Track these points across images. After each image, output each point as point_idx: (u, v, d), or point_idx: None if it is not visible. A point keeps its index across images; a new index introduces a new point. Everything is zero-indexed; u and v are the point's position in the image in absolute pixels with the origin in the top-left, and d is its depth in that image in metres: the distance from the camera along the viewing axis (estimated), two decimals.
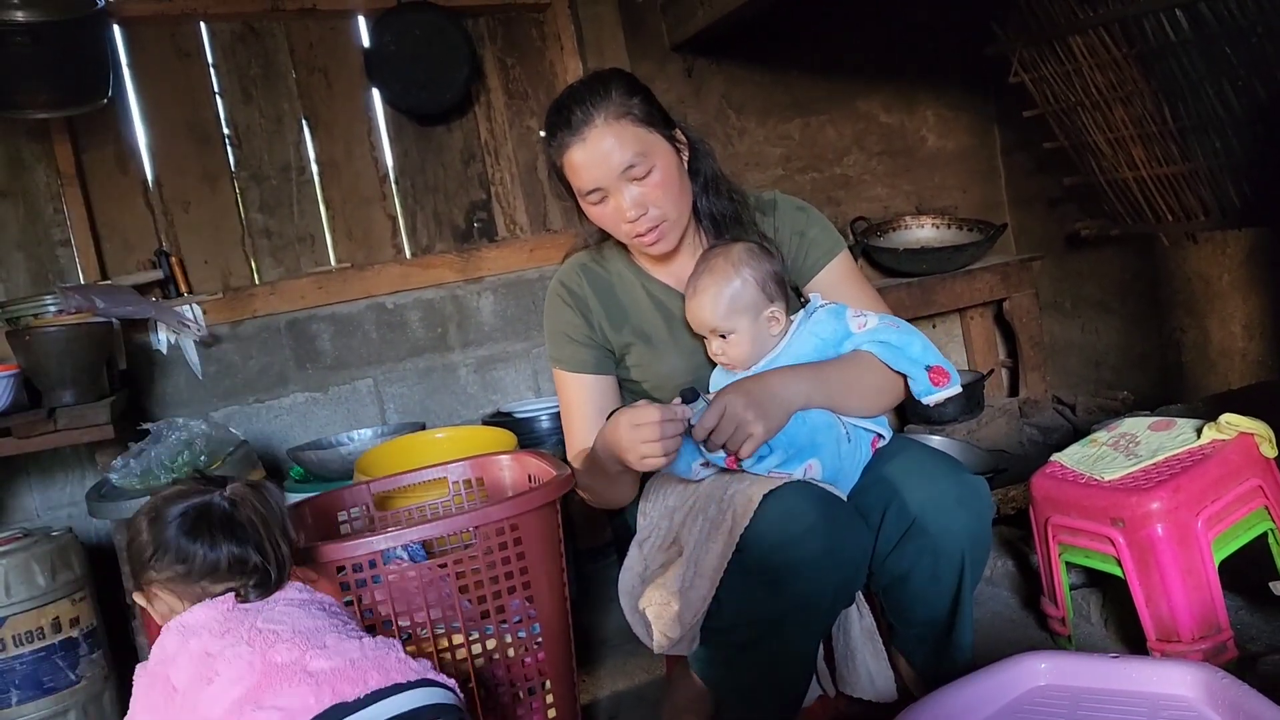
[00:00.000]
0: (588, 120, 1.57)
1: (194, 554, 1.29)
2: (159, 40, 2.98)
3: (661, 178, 1.59)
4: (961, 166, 3.85)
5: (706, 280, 1.59)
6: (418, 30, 3.08)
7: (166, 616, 1.32)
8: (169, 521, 1.31)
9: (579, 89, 1.61)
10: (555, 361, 1.78)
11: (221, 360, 3.00)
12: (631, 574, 1.65)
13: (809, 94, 3.62)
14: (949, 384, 1.59)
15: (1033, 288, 3.59)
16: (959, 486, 1.55)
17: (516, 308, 3.32)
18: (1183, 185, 2.84)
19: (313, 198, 3.17)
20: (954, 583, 1.55)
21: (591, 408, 1.74)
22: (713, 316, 1.58)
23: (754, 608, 1.46)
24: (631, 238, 1.64)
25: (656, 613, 1.57)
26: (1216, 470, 1.78)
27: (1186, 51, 2.58)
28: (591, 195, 1.61)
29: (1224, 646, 1.73)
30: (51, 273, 2.87)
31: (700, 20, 3.08)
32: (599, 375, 1.75)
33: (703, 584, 1.48)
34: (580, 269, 1.78)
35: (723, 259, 1.60)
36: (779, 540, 1.42)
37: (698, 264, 1.64)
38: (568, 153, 1.60)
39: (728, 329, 1.59)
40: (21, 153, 2.84)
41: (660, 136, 1.61)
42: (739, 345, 1.60)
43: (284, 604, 1.31)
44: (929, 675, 1.63)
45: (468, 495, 2.00)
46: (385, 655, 1.22)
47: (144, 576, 1.32)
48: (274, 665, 1.18)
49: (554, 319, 1.77)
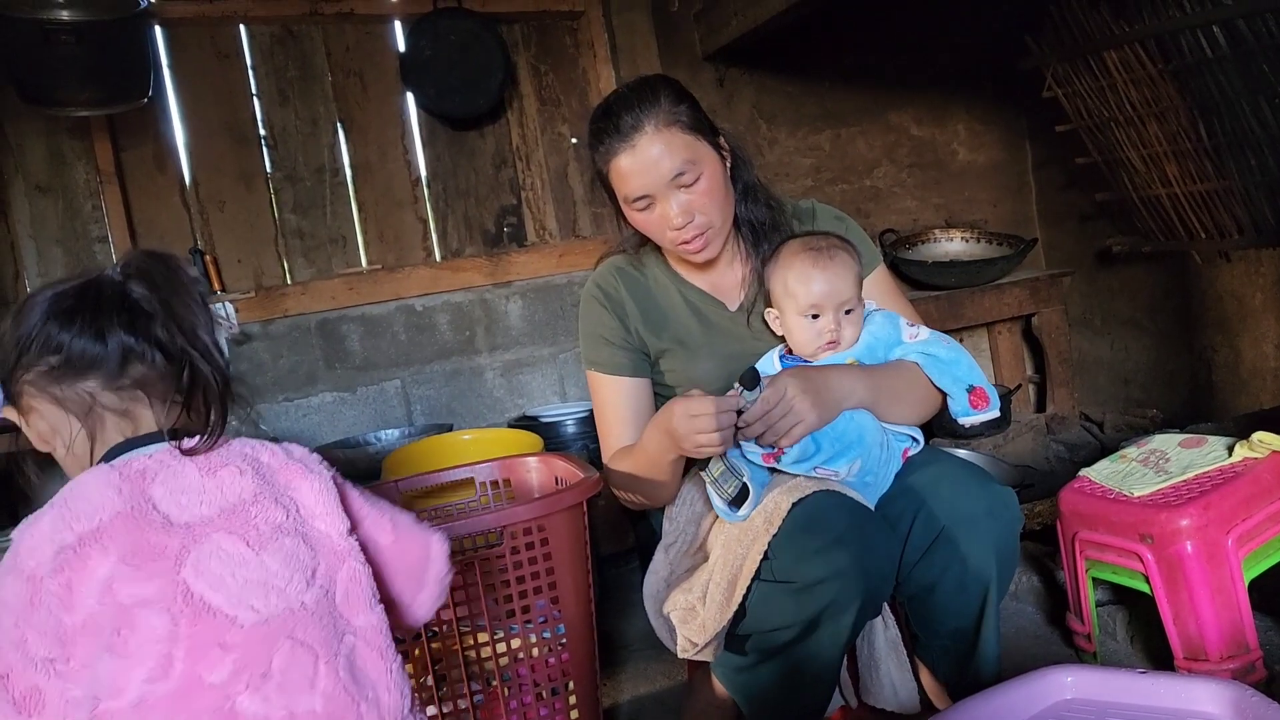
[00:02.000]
0: (637, 127, 1.56)
1: (67, 342, 0.96)
2: (199, 41, 3.02)
3: (708, 185, 1.60)
4: (992, 180, 3.84)
5: (840, 256, 1.60)
6: (453, 36, 3.11)
7: (48, 440, 1.02)
8: (38, 303, 0.99)
9: (627, 95, 1.60)
10: (590, 364, 1.77)
11: (252, 359, 3.03)
12: (657, 578, 1.66)
13: (840, 105, 3.62)
14: (988, 408, 1.60)
15: (1062, 303, 3.57)
16: (988, 497, 1.54)
17: (544, 313, 3.33)
18: (1216, 203, 2.82)
19: (345, 199, 3.21)
20: (981, 594, 1.54)
21: (628, 410, 1.73)
22: (846, 288, 1.59)
23: (780, 617, 1.45)
24: (676, 245, 1.64)
25: (681, 617, 1.57)
26: (1248, 488, 1.76)
27: (1223, 68, 2.57)
28: (639, 202, 1.60)
29: (1252, 666, 1.71)
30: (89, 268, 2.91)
31: (733, 30, 3.09)
32: (635, 378, 1.74)
33: (729, 591, 1.48)
34: (616, 272, 1.78)
35: (839, 246, 1.63)
36: (807, 550, 1.41)
37: (799, 244, 1.64)
38: (616, 159, 1.59)
39: (855, 304, 1.61)
40: (62, 149, 2.89)
41: (707, 144, 1.61)
42: (855, 325, 1.62)
43: (248, 524, 0.96)
44: (953, 687, 1.62)
45: (495, 496, 2.01)
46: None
47: (13, 378, 0.99)
48: (195, 683, 0.89)
49: (589, 320, 1.77)
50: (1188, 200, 2.90)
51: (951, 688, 1.63)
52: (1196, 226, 2.93)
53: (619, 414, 1.74)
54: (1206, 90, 2.65)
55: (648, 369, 1.77)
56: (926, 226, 3.70)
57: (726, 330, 1.74)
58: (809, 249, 1.61)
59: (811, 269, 1.59)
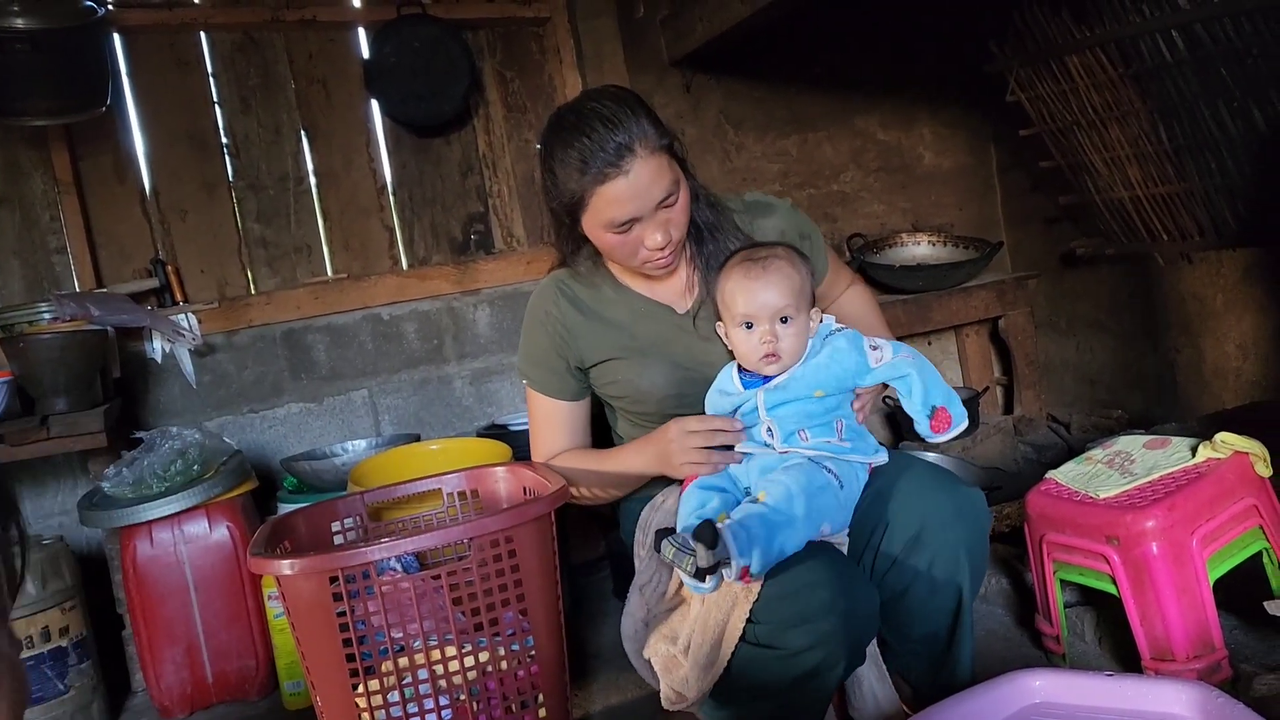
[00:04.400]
0: (629, 151, 1.53)
1: None
2: (159, 49, 2.98)
3: (684, 202, 1.61)
4: (958, 184, 3.87)
5: (775, 265, 1.55)
6: (417, 42, 3.09)
7: None
8: None
9: (606, 116, 1.55)
10: (525, 378, 1.82)
11: (216, 370, 2.99)
12: (634, 620, 1.63)
13: (807, 110, 3.63)
14: (951, 427, 1.56)
15: (1028, 306, 3.59)
16: (956, 500, 1.54)
17: (513, 320, 3.31)
18: (1178, 205, 2.85)
19: (310, 208, 3.18)
20: (953, 596, 1.54)
21: (561, 424, 1.80)
22: (781, 298, 1.54)
23: (766, 677, 1.44)
24: (647, 263, 1.64)
25: (663, 665, 1.54)
26: (1211, 489, 1.78)
27: (1182, 72, 2.60)
28: (621, 226, 1.58)
29: (1218, 666, 1.72)
30: (47, 280, 2.87)
31: (699, 36, 3.09)
32: (567, 402, 1.79)
33: (713, 654, 1.46)
34: (558, 289, 1.77)
35: (781, 253, 1.58)
36: (793, 618, 1.40)
37: (740, 260, 1.59)
38: (606, 184, 1.55)
39: (794, 314, 1.55)
40: (19, 159, 2.84)
41: (677, 161, 1.62)
42: (797, 335, 1.56)
43: None
44: (925, 692, 1.62)
45: (462, 507, 1.99)
46: None
47: None
48: None
49: (529, 339, 1.80)
50: (1150, 203, 2.94)
51: (923, 693, 1.63)
52: (1159, 228, 2.96)
53: (550, 427, 1.80)
54: (1167, 94, 2.68)
55: (583, 391, 1.80)
56: (893, 230, 3.72)
57: (674, 336, 1.74)
58: (745, 260, 1.59)
59: (744, 279, 1.56)
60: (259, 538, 1.66)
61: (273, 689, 2.47)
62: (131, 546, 2.37)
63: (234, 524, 2.43)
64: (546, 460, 1.81)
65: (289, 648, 2.30)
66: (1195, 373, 3.16)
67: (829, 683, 1.45)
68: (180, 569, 2.39)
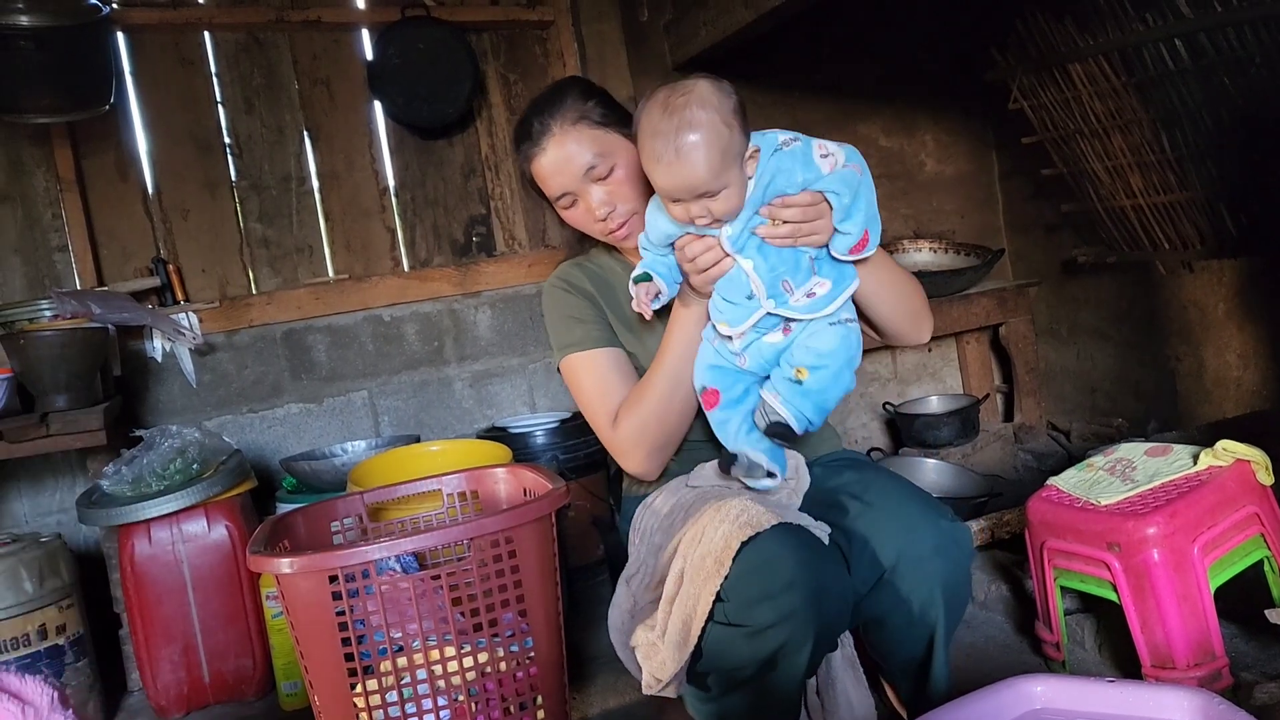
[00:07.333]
0: (545, 130, 1.62)
1: None
2: (162, 48, 2.99)
3: (625, 174, 1.62)
4: (959, 192, 3.87)
5: (689, 137, 1.33)
6: (421, 44, 3.10)
7: None
8: None
9: (537, 101, 1.68)
10: (566, 348, 1.70)
11: (216, 369, 2.99)
12: (620, 611, 1.63)
13: (809, 116, 3.63)
14: (866, 249, 1.45)
15: (1029, 313, 3.60)
16: (936, 535, 1.50)
17: (514, 323, 3.32)
18: (1179, 214, 2.86)
19: (312, 209, 3.18)
20: (930, 627, 1.52)
21: (615, 375, 1.67)
22: (708, 177, 1.34)
23: (736, 657, 1.43)
24: (605, 235, 1.67)
25: (645, 653, 1.53)
26: (1213, 496, 1.78)
27: (1185, 80, 2.61)
28: (562, 200, 1.66)
29: (1219, 674, 1.72)
30: (48, 278, 2.87)
31: (703, 40, 3.09)
32: (613, 349, 1.70)
33: (685, 633, 1.45)
34: (575, 266, 1.80)
35: (695, 105, 1.35)
36: (758, 594, 1.38)
37: (655, 114, 1.37)
38: (533, 164, 1.65)
39: (720, 186, 1.36)
40: (22, 157, 2.84)
41: (619, 135, 1.64)
42: (732, 199, 1.38)
43: None
44: (912, 705, 1.62)
45: (462, 508, 1.99)
46: None
47: None
48: None
49: (557, 307, 1.74)
50: (1151, 211, 2.94)
51: (911, 706, 1.63)
52: (1160, 237, 2.97)
53: (607, 383, 1.67)
54: (1169, 102, 2.69)
55: (620, 343, 1.73)
56: (895, 237, 3.72)
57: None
58: (654, 134, 1.37)
59: (656, 162, 1.38)
60: (258, 536, 1.66)
61: (270, 689, 2.46)
62: (130, 545, 2.36)
63: (232, 523, 2.42)
64: (617, 418, 1.65)
65: (286, 648, 2.30)
66: (1196, 381, 3.16)
67: (797, 665, 1.43)
68: (178, 568, 2.38)
